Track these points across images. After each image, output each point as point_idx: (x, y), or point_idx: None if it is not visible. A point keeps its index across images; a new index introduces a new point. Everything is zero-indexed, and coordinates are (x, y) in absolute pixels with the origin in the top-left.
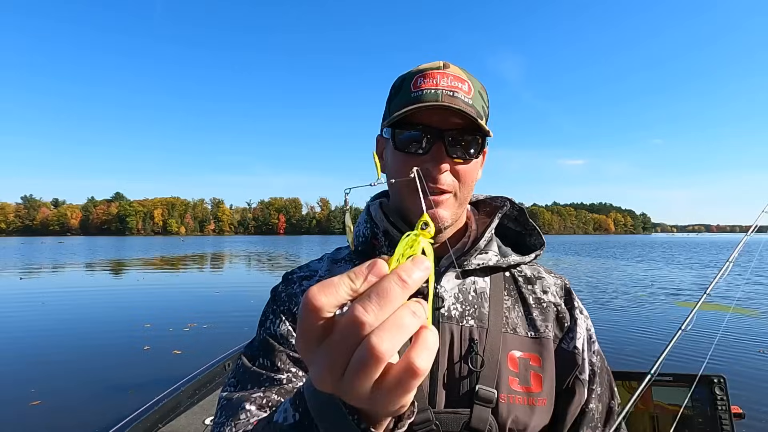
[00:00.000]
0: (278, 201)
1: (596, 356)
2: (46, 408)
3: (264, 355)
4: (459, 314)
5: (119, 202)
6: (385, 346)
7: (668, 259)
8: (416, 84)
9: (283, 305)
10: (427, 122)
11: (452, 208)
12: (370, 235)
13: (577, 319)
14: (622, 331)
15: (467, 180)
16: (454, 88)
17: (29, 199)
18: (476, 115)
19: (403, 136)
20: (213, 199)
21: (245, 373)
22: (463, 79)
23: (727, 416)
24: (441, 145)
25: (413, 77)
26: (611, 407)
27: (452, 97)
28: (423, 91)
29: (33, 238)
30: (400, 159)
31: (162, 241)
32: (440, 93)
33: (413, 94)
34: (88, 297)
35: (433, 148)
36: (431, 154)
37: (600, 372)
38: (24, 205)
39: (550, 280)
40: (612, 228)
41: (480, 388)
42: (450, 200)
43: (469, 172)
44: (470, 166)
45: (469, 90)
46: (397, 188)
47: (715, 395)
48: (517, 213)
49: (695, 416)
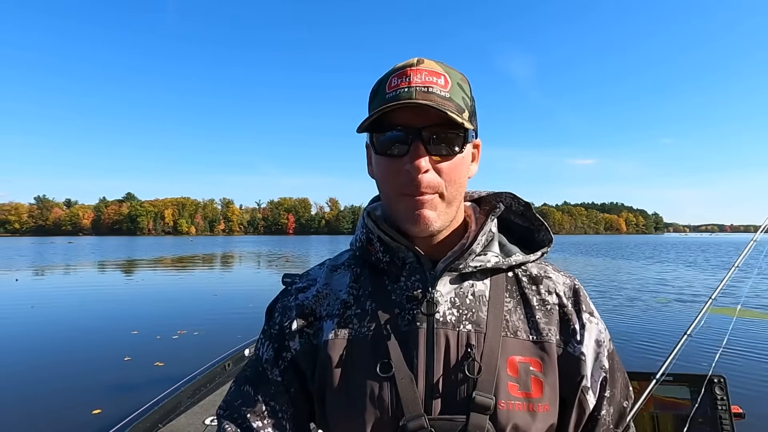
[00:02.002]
0: (287, 201)
1: (609, 359)
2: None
3: (251, 386)
4: (455, 319)
5: (130, 202)
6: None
7: (679, 260)
8: (390, 85)
9: (275, 325)
10: (405, 122)
11: (439, 208)
12: (365, 240)
13: (586, 322)
14: (630, 331)
15: (453, 177)
16: (428, 84)
17: (42, 199)
18: (455, 108)
19: (382, 138)
20: (223, 199)
21: (233, 402)
22: (439, 73)
23: (727, 416)
24: (419, 144)
25: (388, 78)
26: (624, 408)
27: (426, 93)
28: (397, 91)
29: (45, 237)
30: (382, 163)
31: (171, 241)
32: (413, 90)
33: (387, 95)
34: (80, 300)
35: (411, 148)
36: (410, 155)
37: (613, 375)
38: (37, 206)
39: (557, 280)
40: (623, 228)
41: (477, 395)
42: (435, 200)
43: (454, 168)
44: (455, 162)
45: (445, 83)
46: (384, 195)
47: (716, 395)
48: (524, 208)
49: (695, 416)
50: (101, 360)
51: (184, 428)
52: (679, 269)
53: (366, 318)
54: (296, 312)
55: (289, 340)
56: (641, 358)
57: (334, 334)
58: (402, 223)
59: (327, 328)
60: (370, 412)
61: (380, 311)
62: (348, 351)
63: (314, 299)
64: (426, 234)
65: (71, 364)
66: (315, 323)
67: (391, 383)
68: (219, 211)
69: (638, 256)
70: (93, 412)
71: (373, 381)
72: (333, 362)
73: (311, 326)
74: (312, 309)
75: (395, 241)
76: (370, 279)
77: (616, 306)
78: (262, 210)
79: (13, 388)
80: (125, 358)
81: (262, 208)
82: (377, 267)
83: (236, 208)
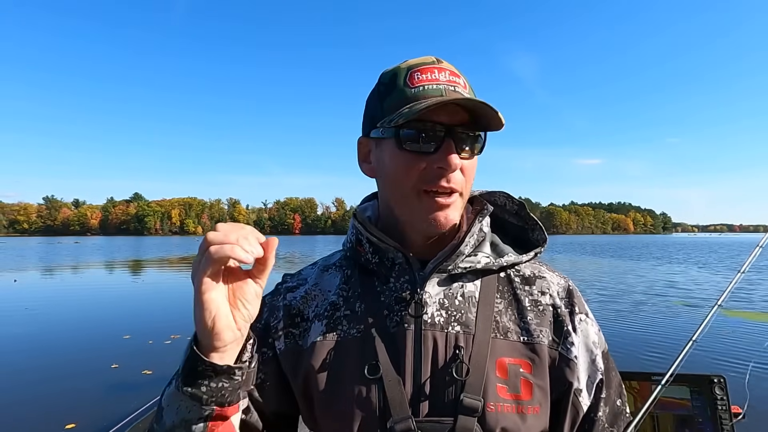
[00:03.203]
0: (293, 201)
1: (604, 360)
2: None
3: None
4: (444, 320)
5: (138, 202)
6: (212, 235)
7: (686, 261)
8: (413, 79)
9: (260, 321)
10: (436, 119)
11: (459, 209)
12: (355, 241)
13: (579, 324)
14: (634, 333)
15: (471, 178)
16: (453, 83)
17: (51, 199)
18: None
19: (410, 133)
20: (229, 199)
21: None
22: (458, 74)
23: (727, 416)
24: (451, 142)
25: (407, 72)
26: (618, 407)
27: (454, 92)
28: (424, 86)
29: (53, 238)
30: (407, 159)
31: (177, 240)
32: (443, 88)
33: (413, 90)
34: (76, 302)
35: (444, 145)
36: (442, 152)
37: (608, 376)
38: (46, 206)
39: (551, 280)
40: (631, 228)
41: (465, 397)
42: (457, 201)
43: (472, 169)
44: (473, 163)
45: (465, 85)
46: (396, 192)
47: (715, 395)
48: (518, 207)
49: (695, 416)
50: (88, 367)
51: None
52: (691, 270)
53: (355, 320)
54: (283, 312)
55: (274, 339)
56: (645, 359)
57: (322, 336)
58: (417, 222)
59: (315, 329)
60: (357, 414)
61: (369, 313)
62: (336, 353)
63: (302, 300)
64: (440, 233)
65: (54, 370)
66: (301, 324)
67: (379, 385)
68: (225, 211)
69: (647, 257)
70: (66, 427)
71: (361, 383)
72: (321, 364)
73: (297, 327)
74: (299, 310)
75: (383, 243)
76: (360, 280)
77: (619, 307)
78: (268, 210)
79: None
80: (113, 365)
81: (268, 208)
82: (367, 268)
83: (243, 208)
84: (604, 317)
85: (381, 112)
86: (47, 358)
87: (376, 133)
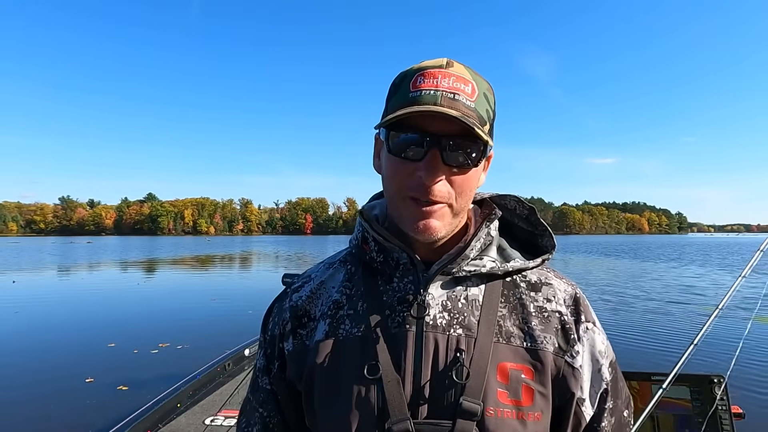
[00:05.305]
0: (305, 201)
1: (611, 370)
2: None
3: (250, 392)
4: (446, 323)
5: (151, 202)
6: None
7: (700, 262)
8: (415, 83)
9: (267, 332)
10: (425, 126)
11: (446, 218)
12: (361, 239)
13: (584, 332)
14: (636, 334)
15: (464, 189)
16: (455, 90)
17: (66, 200)
18: (477, 120)
19: (398, 139)
20: (242, 199)
21: (244, 405)
22: (467, 80)
23: (727, 416)
24: (437, 153)
25: (413, 75)
26: (625, 418)
27: (452, 100)
28: (422, 91)
29: (68, 237)
30: (393, 164)
31: (190, 240)
32: (439, 95)
33: (411, 94)
34: (70, 306)
35: (428, 155)
36: (426, 162)
37: (615, 386)
38: (62, 206)
39: (557, 287)
40: (646, 228)
41: (464, 401)
42: (443, 210)
43: (467, 181)
44: (469, 175)
45: (472, 92)
46: (388, 194)
47: (715, 395)
48: (528, 212)
49: (695, 416)
50: (60, 380)
51: (184, 428)
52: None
53: (357, 319)
54: (290, 314)
55: (283, 342)
56: (644, 362)
57: (324, 335)
58: (404, 227)
59: (319, 329)
60: (355, 414)
61: (371, 313)
62: (337, 352)
63: (308, 299)
64: (429, 242)
65: (25, 380)
66: (309, 324)
67: (378, 386)
68: (238, 211)
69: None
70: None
71: (360, 383)
72: (322, 363)
73: (305, 327)
74: (306, 310)
75: (388, 242)
76: (364, 278)
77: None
78: (280, 210)
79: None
80: (87, 379)
81: (280, 208)
82: (371, 266)
83: (255, 208)
84: (610, 318)
85: (385, 112)
86: (21, 370)
87: (381, 133)
